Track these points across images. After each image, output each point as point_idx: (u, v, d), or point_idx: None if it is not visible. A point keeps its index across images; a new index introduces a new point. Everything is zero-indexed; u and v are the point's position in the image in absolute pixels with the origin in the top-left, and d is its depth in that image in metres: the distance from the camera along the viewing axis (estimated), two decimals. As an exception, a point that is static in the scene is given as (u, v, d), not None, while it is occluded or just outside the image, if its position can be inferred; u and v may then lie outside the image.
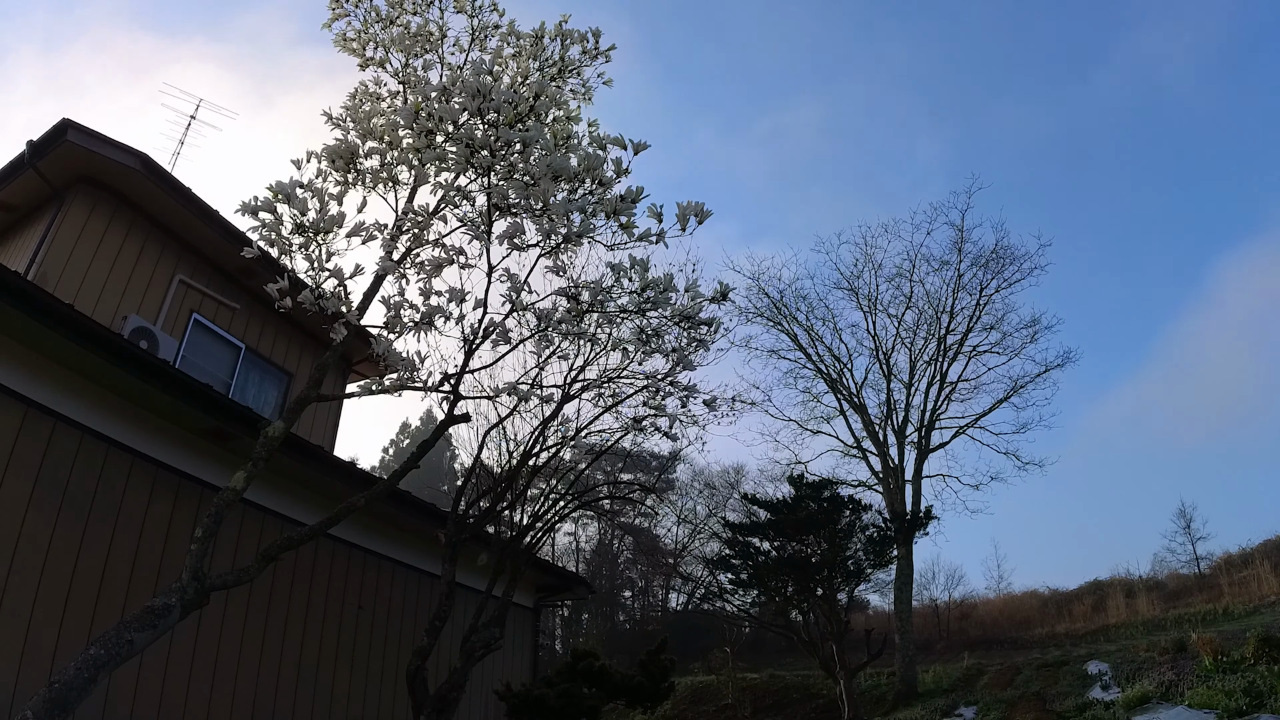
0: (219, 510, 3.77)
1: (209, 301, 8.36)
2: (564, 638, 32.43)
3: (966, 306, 23.23)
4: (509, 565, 6.97)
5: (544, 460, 7.54)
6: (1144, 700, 12.98)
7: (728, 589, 18.25)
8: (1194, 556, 27.95)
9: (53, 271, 6.72)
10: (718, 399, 6.61)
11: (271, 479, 6.26)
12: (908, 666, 19.03)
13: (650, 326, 5.19)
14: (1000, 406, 23.03)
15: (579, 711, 7.25)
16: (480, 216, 4.42)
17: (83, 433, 4.95)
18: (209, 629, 5.57)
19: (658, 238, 4.04)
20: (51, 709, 2.76)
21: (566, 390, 6.59)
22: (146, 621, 3.25)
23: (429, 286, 4.45)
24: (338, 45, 5.25)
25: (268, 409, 8.85)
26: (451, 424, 4.89)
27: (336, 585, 6.99)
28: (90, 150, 6.87)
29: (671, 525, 34.63)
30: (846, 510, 15.18)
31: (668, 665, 8.82)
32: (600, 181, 4.05)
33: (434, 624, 5.71)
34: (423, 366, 4.64)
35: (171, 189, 7.57)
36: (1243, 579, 23.40)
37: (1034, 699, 15.52)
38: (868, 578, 17.88)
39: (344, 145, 4.42)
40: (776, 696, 20.55)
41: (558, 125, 4.93)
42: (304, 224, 4.03)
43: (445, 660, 7.09)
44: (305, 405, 4.40)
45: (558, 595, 11.38)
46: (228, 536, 5.83)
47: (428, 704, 5.61)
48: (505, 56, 5.17)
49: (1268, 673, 11.97)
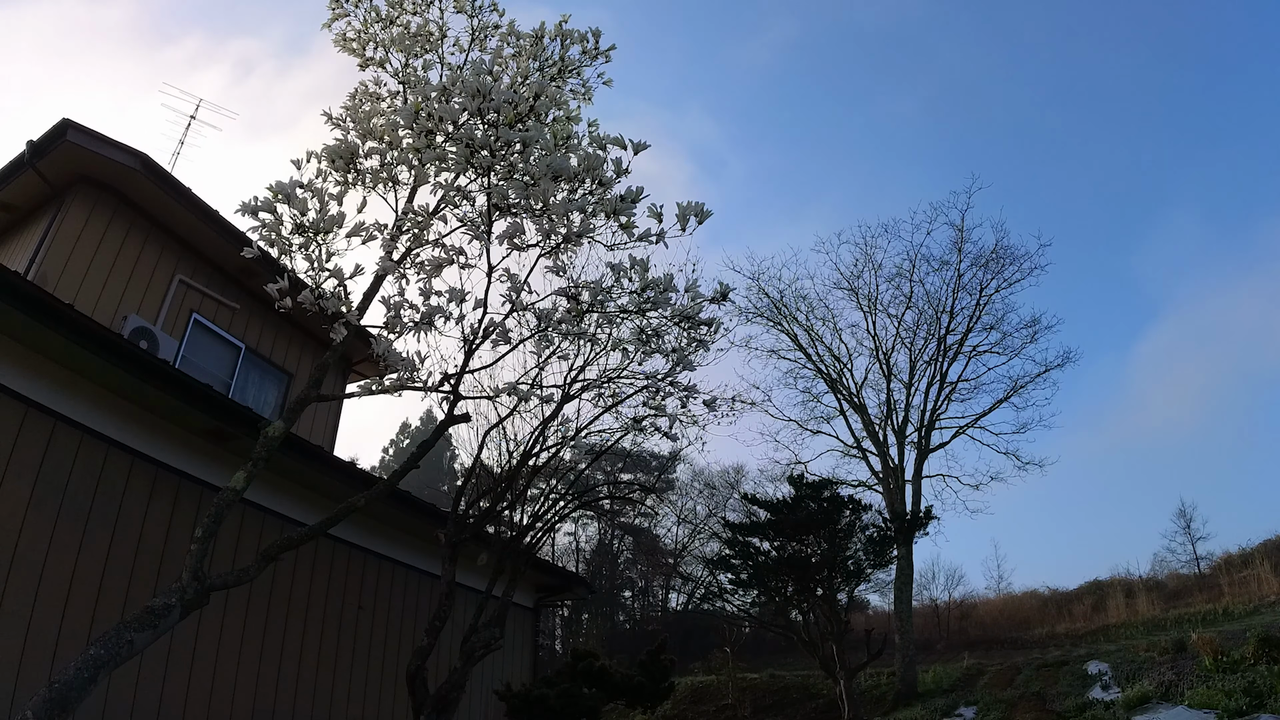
0: (219, 510, 3.77)
1: (209, 301, 8.36)
2: (564, 638, 32.42)
3: (966, 306, 23.29)
4: (509, 565, 6.97)
5: (544, 460, 7.53)
6: (1144, 700, 12.98)
7: (728, 589, 18.25)
8: (1194, 556, 28.00)
9: (53, 271, 6.72)
10: (718, 399, 6.61)
11: (271, 479, 6.27)
12: (908, 666, 19.03)
13: (650, 326, 5.19)
14: (1000, 406, 23.10)
15: (579, 711, 7.25)
16: (480, 216, 4.42)
17: (83, 433, 4.95)
18: (209, 629, 5.57)
19: (658, 238, 4.04)
20: (51, 709, 2.76)
21: (566, 390, 6.59)
22: (146, 621, 3.25)
23: (429, 286, 4.45)
24: (338, 45, 5.24)
25: (268, 409, 8.85)
26: (451, 424, 4.89)
27: (336, 585, 6.99)
28: (90, 150, 6.86)
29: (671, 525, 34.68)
30: (846, 510, 15.18)
31: (668, 665, 8.83)
32: (600, 181, 4.05)
33: (434, 624, 5.71)
34: (423, 366, 4.64)
35: (171, 189, 7.57)
36: (1243, 579, 23.41)
37: (1034, 699, 15.52)
38: (868, 578, 17.88)
39: (344, 145, 4.41)
40: (776, 696, 20.55)
41: (558, 125, 4.92)
42: (304, 224, 4.02)
43: (445, 660, 7.09)
44: (305, 405, 4.40)
45: (558, 595, 11.38)
46: (228, 536, 5.83)
47: (428, 704, 5.61)
48: (505, 56, 5.17)
49: (1268, 673, 11.97)
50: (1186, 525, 28.48)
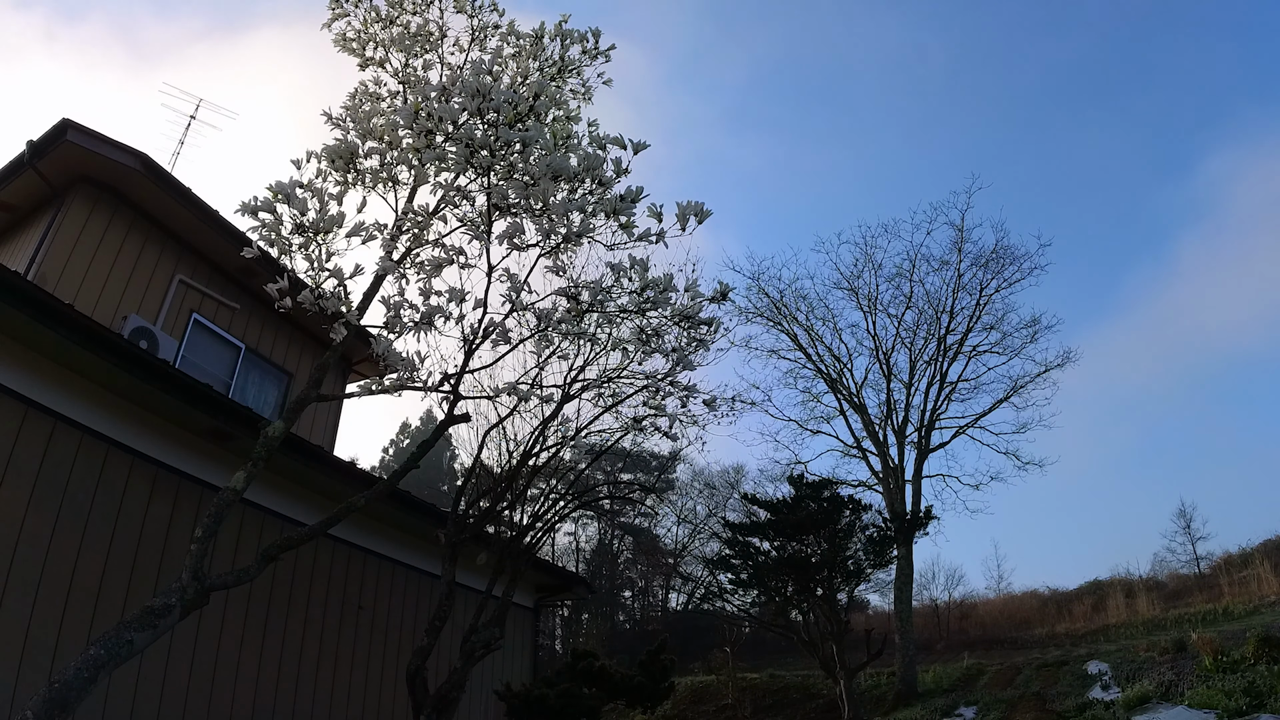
0: (219, 510, 3.77)
1: (209, 301, 8.36)
2: (564, 638, 32.43)
3: (966, 306, 23.29)
4: (509, 565, 6.96)
5: (544, 460, 7.53)
6: (1144, 700, 12.99)
7: (728, 589, 18.27)
8: (1194, 556, 28.01)
9: (52, 271, 6.72)
10: (718, 399, 6.61)
11: (271, 479, 6.26)
12: (908, 666, 19.04)
13: (650, 326, 5.19)
14: (1000, 406, 23.10)
15: (579, 711, 7.26)
16: (480, 216, 4.43)
17: (83, 433, 4.95)
18: (209, 629, 5.57)
19: (657, 238, 4.04)
20: (51, 709, 2.76)
21: (566, 390, 6.59)
22: (146, 621, 3.25)
23: (429, 286, 4.45)
24: (337, 45, 5.25)
25: (268, 409, 8.85)
26: (451, 424, 4.89)
27: (336, 585, 6.99)
28: (90, 150, 6.86)
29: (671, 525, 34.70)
30: (846, 510, 15.19)
31: (668, 665, 8.83)
32: (600, 181, 4.05)
33: (434, 624, 5.71)
34: (423, 366, 4.64)
35: (171, 189, 7.57)
36: (1243, 579, 23.42)
37: (1034, 699, 15.52)
38: (868, 578, 17.89)
39: (344, 145, 4.42)
40: (776, 696, 20.55)
41: (558, 125, 4.93)
42: (304, 224, 4.03)
43: (445, 660, 7.09)
44: (305, 405, 4.40)
45: (558, 595, 11.38)
46: (228, 536, 5.83)
47: (428, 704, 5.60)
48: (505, 56, 5.18)
49: (1268, 673, 11.97)
50: (1186, 525, 28.52)
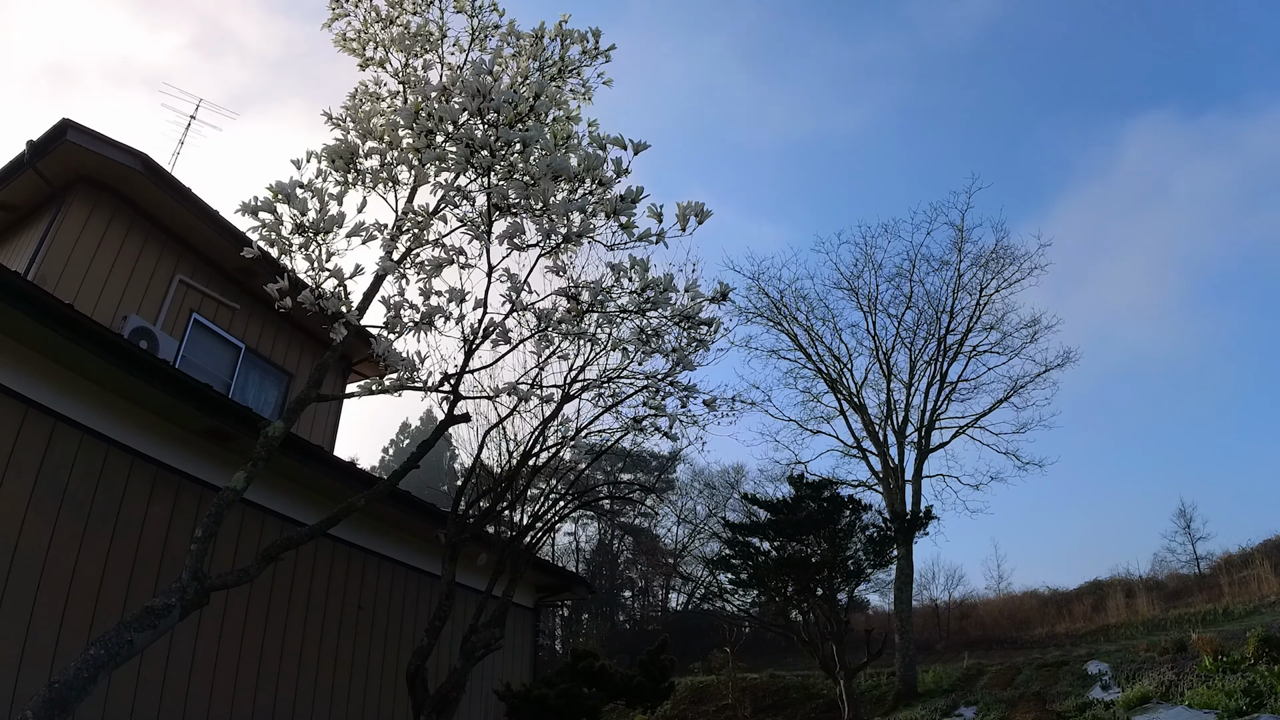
0: (219, 510, 3.77)
1: (209, 301, 8.36)
2: (564, 638, 32.44)
3: (966, 306, 23.30)
4: (509, 565, 6.96)
5: (544, 460, 7.53)
6: (1144, 700, 12.99)
7: (728, 589, 18.27)
8: (1194, 556, 28.01)
9: (52, 271, 6.72)
10: (718, 399, 6.60)
11: (271, 479, 6.26)
12: (908, 666, 19.04)
13: (650, 326, 5.19)
14: (1000, 406, 23.09)
15: (579, 711, 7.26)
16: (480, 216, 4.43)
17: (83, 433, 4.94)
18: (209, 629, 5.57)
19: (658, 238, 4.04)
20: (51, 709, 2.76)
21: (566, 390, 6.58)
22: (146, 622, 3.25)
23: (429, 286, 4.46)
24: (338, 45, 5.25)
25: (268, 409, 8.85)
26: (451, 424, 4.90)
27: (336, 585, 6.99)
28: (90, 150, 6.86)
29: (671, 525, 34.72)
30: (846, 510, 15.19)
31: (668, 665, 8.84)
32: (600, 181, 4.05)
33: (434, 624, 5.71)
34: (423, 366, 4.64)
35: (171, 189, 7.57)
36: (1243, 579, 23.42)
37: (1034, 699, 15.53)
38: (868, 578, 17.89)
39: (344, 145, 4.42)
40: (776, 696, 20.55)
41: (558, 125, 4.93)
42: (304, 224, 4.03)
43: (445, 660, 7.09)
44: (305, 405, 4.40)
45: (558, 595, 11.37)
46: (228, 536, 5.83)
47: (428, 704, 5.60)
48: (505, 56, 5.18)
49: (1268, 673, 11.97)
50: (1186, 525, 28.53)
